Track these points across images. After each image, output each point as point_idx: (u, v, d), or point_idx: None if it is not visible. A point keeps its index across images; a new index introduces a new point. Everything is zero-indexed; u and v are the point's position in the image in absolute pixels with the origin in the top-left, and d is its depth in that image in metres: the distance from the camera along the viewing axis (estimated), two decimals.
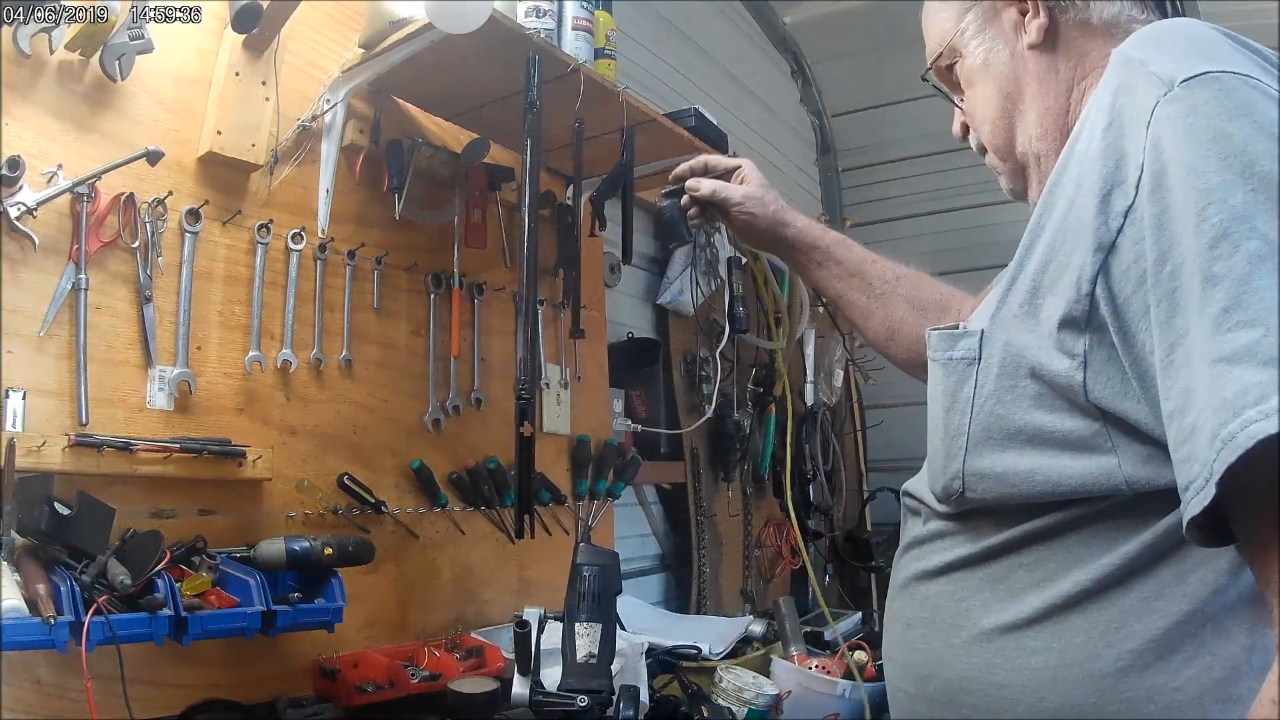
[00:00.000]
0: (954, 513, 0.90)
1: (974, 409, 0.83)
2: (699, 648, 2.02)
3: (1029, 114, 0.94)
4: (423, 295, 1.85)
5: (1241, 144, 0.65)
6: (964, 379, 0.84)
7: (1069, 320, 0.74)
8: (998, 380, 0.81)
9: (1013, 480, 0.81)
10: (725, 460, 2.84)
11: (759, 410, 3.04)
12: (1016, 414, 0.80)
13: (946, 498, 0.89)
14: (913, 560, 0.98)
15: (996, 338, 0.82)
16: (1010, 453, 0.81)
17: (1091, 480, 0.76)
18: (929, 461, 0.93)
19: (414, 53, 1.57)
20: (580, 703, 1.33)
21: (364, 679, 1.46)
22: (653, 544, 2.75)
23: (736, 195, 1.33)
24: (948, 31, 1.01)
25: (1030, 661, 0.81)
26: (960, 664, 0.88)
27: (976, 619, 0.87)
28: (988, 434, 0.82)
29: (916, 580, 0.96)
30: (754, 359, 3.09)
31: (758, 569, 3.01)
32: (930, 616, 0.93)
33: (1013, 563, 0.85)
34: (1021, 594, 0.83)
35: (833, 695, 1.90)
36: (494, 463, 1.89)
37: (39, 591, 1.08)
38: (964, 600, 0.89)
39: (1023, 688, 0.82)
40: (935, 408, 0.90)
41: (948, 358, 0.87)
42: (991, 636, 0.85)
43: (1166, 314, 0.66)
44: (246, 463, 1.42)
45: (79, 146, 1.32)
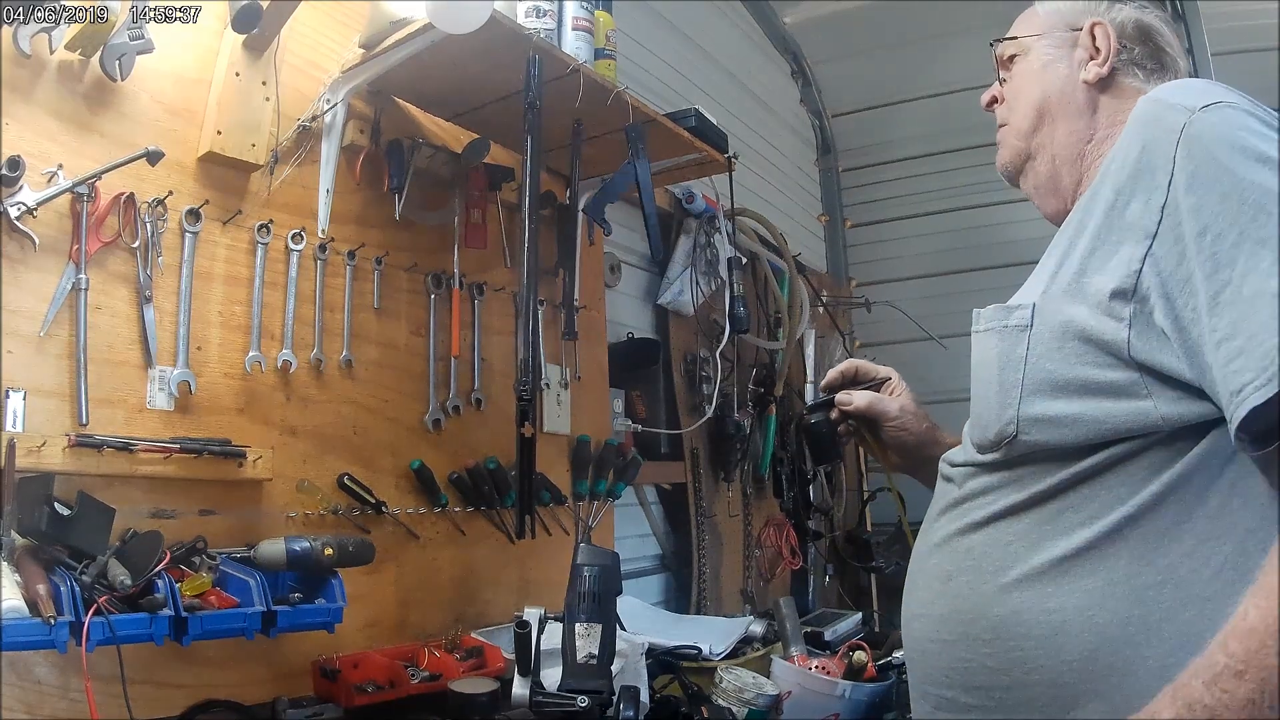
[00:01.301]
0: (1003, 460, 1.00)
1: (1027, 366, 0.97)
2: (699, 648, 2.02)
3: (1059, 124, 1.12)
4: (423, 295, 1.85)
5: (1252, 144, 0.84)
6: (1017, 342, 0.98)
7: (1119, 292, 0.90)
8: (1048, 343, 0.96)
9: (1063, 422, 0.94)
10: (725, 460, 2.84)
11: (759, 410, 3.04)
12: (1065, 370, 0.94)
13: (999, 442, 0.99)
14: (951, 520, 1.07)
15: (1048, 309, 0.97)
16: (1059, 401, 0.94)
17: (1131, 420, 0.90)
18: (976, 418, 1.06)
19: (414, 53, 1.57)
20: (580, 703, 1.33)
21: (364, 679, 1.46)
22: (653, 544, 2.75)
23: (893, 410, 1.32)
24: (1030, 30, 1.19)
25: (1081, 584, 0.92)
26: (1011, 600, 0.97)
27: (1026, 558, 0.96)
28: (1039, 386, 0.96)
29: (958, 535, 1.05)
30: (754, 359, 3.09)
31: (758, 569, 3.01)
32: (976, 564, 1.01)
33: (1059, 506, 0.96)
34: (1069, 532, 0.94)
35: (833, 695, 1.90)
36: (494, 463, 1.89)
37: (39, 591, 1.08)
38: (1011, 544, 0.98)
39: (1074, 609, 0.92)
40: (988, 368, 1.03)
41: (1003, 325, 1.01)
42: (1043, 570, 0.95)
43: (1211, 269, 0.82)
44: (246, 463, 1.42)
45: (79, 146, 1.32)
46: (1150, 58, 1.11)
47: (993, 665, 0.98)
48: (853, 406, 1.34)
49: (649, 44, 2.86)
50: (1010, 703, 0.97)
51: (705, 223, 2.79)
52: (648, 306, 2.78)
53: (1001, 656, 0.97)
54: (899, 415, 1.32)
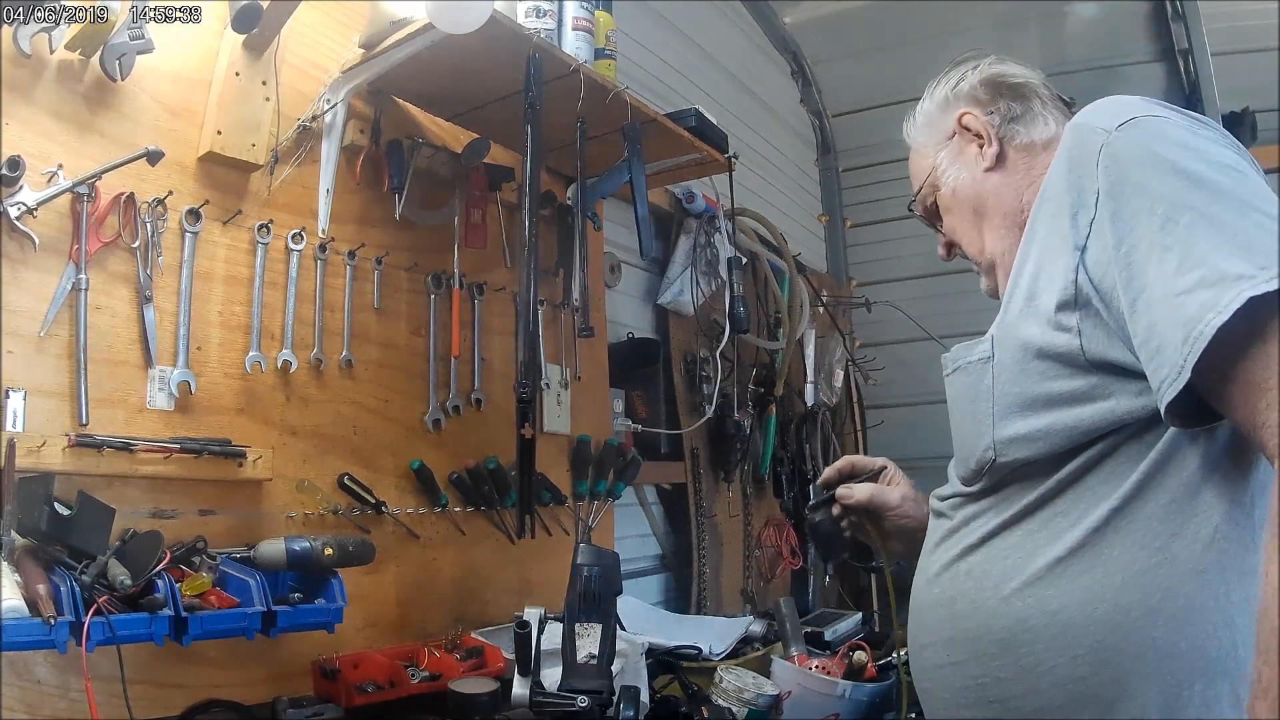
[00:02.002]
0: (987, 486, 1.04)
1: (995, 393, 1.02)
2: (699, 648, 2.02)
3: (993, 219, 1.17)
4: (423, 295, 1.85)
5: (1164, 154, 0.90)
6: (983, 374, 1.04)
7: (1063, 303, 0.95)
8: (1010, 367, 1.00)
9: (1035, 437, 0.98)
10: (725, 460, 2.84)
11: (759, 410, 3.04)
12: (1030, 388, 0.98)
13: (981, 470, 1.04)
14: (947, 549, 1.10)
15: (1005, 336, 1.02)
16: (1030, 418, 0.98)
17: (1098, 421, 0.94)
18: (958, 454, 1.10)
19: (414, 53, 1.57)
20: (580, 703, 1.33)
21: (364, 679, 1.46)
22: (653, 544, 2.75)
23: (894, 499, 1.33)
24: (926, 169, 1.26)
25: (1079, 582, 0.95)
26: (1014, 609, 0.99)
27: (1023, 568, 0.99)
28: (1009, 409, 1.00)
29: (955, 560, 1.07)
30: (754, 359, 3.09)
31: (758, 569, 3.01)
32: (976, 584, 1.03)
33: (1048, 514, 0.99)
34: (1060, 535, 0.97)
35: (833, 695, 1.90)
36: (494, 463, 1.89)
37: (39, 591, 1.08)
38: (1007, 558, 1.01)
39: (1077, 604, 0.95)
40: (962, 406, 1.08)
41: (967, 361, 1.06)
42: (1041, 575, 0.98)
43: (1127, 278, 0.88)
44: (246, 463, 1.42)
45: (79, 146, 1.32)
46: (1016, 101, 1.17)
47: (1005, 676, 1.00)
48: (854, 500, 1.35)
49: (649, 44, 2.86)
50: (1027, 709, 0.98)
51: (705, 223, 2.79)
52: (648, 306, 2.78)
53: (1013, 665, 0.99)
54: (900, 504, 1.32)
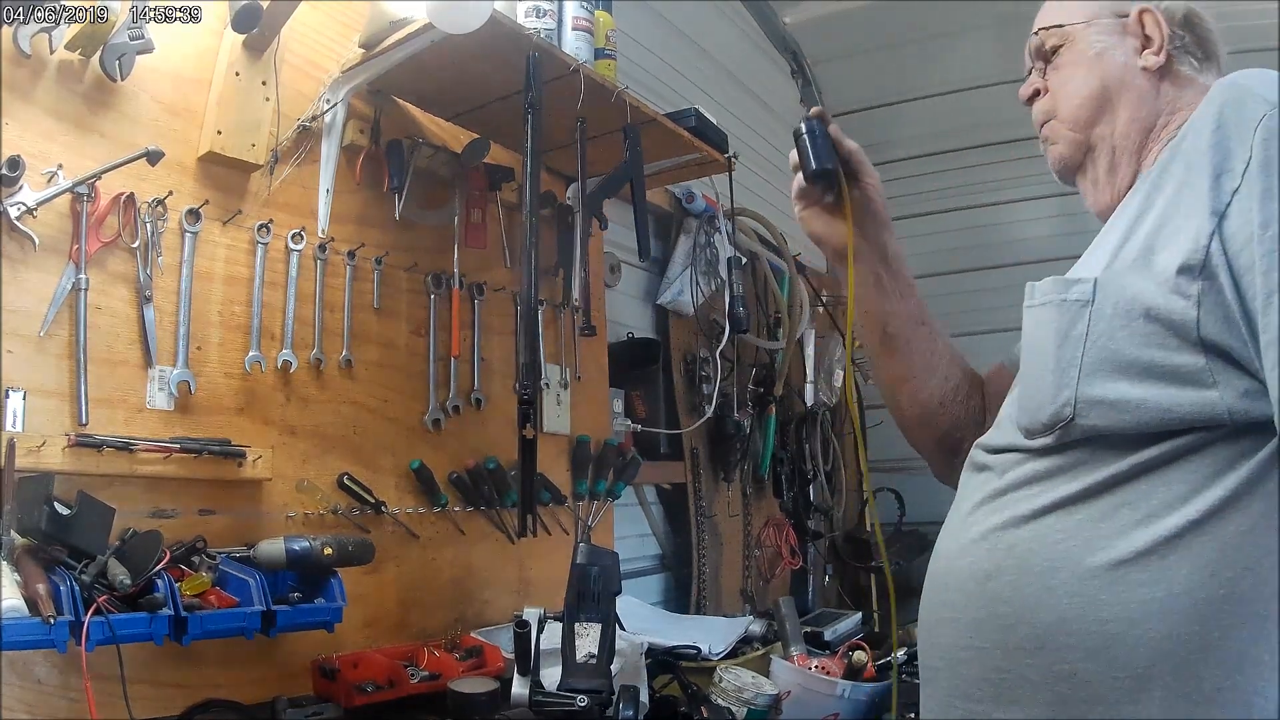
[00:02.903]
0: (1054, 446, 0.94)
1: (1087, 344, 0.92)
2: (699, 648, 2.02)
3: (1120, 113, 1.07)
4: (423, 295, 1.85)
5: None
6: (1077, 318, 0.93)
7: (1187, 267, 0.86)
8: (1111, 320, 0.91)
9: (1125, 408, 0.89)
10: (725, 460, 2.85)
11: (759, 410, 3.04)
12: (1129, 350, 0.89)
13: (1053, 425, 0.93)
14: (990, 513, 0.99)
15: (1111, 285, 0.92)
16: (1121, 383, 0.89)
17: (1196, 410, 0.86)
18: (1025, 399, 0.99)
19: (414, 53, 1.57)
20: (580, 703, 1.33)
21: (364, 679, 1.46)
22: (653, 544, 2.75)
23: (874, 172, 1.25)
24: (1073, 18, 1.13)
25: (1136, 595, 0.86)
26: (1060, 605, 0.90)
27: (1079, 558, 0.90)
28: (1100, 365, 0.90)
29: (999, 530, 0.97)
30: (754, 359, 3.09)
31: (758, 569, 3.02)
32: (1020, 563, 0.94)
33: (1115, 500, 0.90)
34: (1126, 531, 0.88)
35: (833, 695, 1.90)
36: (494, 463, 1.89)
37: (39, 591, 1.08)
38: (1062, 542, 0.92)
39: (1128, 620, 0.86)
40: (1043, 345, 0.96)
41: (1061, 299, 0.95)
42: (1096, 574, 0.89)
43: (1267, 265, 0.82)
44: (246, 463, 1.42)
45: (79, 146, 1.32)
46: (1198, 45, 1.08)
47: (1034, 678, 0.91)
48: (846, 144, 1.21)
49: (649, 44, 2.85)
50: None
51: (705, 222, 2.79)
52: (648, 306, 2.78)
53: (1044, 669, 0.91)
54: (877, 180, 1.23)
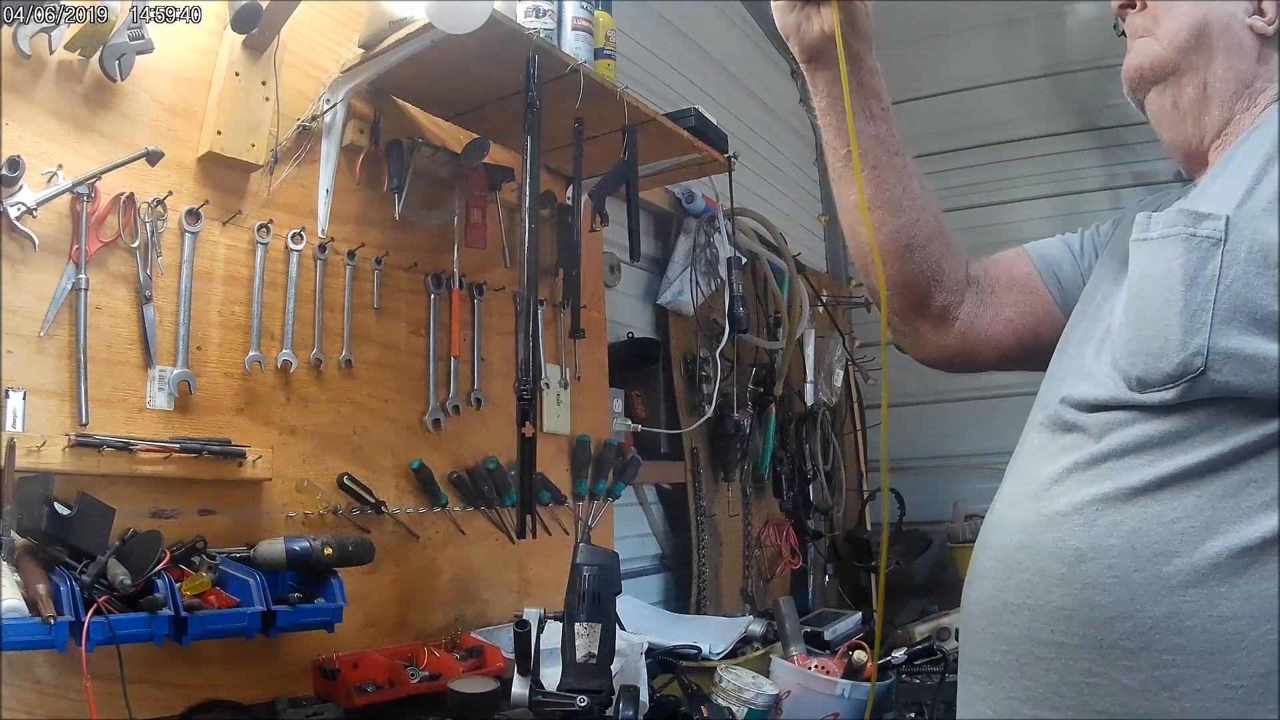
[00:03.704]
0: (1173, 404, 0.83)
1: (1220, 287, 0.81)
2: (699, 648, 2.02)
3: (1218, 54, 0.98)
4: (423, 295, 1.85)
5: None
6: (1208, 257, 0.83)
7: None
8: (1245, 264, 0.81)
9: (1263, 365, 0.78)
10: (725, 460, 2.85)
11: (759, 410, 3.04)
12: (1264, 301, 0.79)
13: (1179, 377, 0.82)
14: (1086, 483, 0.87)
15: (1244, 226, 0.82)
16: (1258, 337, 0.79)
17: None
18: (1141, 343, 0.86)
19: (414, 53, 1.57)
20: (580, 703, 1.33)
21: (364, 679, 1.46)
22: (653, 544, 2.75)
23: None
24: None
25: (1260, 588, 0.76)
26: (1172, 597, 0.79)
27: (1196, 543, 0.79)
28: (1234, 314, 0.81)
29: (1101, 503, 0.85)
30: (754, 359, 3.09)
31: (758, 569, 3.02)
32: (1127, 544, 0.82)
33: (1240, 478, 0.80)
34: (1251, 515, 0.78)
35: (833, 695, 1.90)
36: (494, 463, 1.90)
37: (39, 591, 1.08)
38: (1179, 521, 0.80)
39: (1249, 619, 0.76)
40: (1168, 282, 0.84)
41: (1190, 233, 0.84)
42: (1215, 562, 0.78)
43: None
44: (246, 463, 1.42)
45: (79, 146, 1.32)
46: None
47: (1130, 684, 0.80)
48: None
49: (649, 44, 2.85)
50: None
51: (705, 222, 2.79)
52: (648, 306, 2.78)
53: (1146, 673, 0.79)
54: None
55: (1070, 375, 0.95)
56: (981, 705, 0.91)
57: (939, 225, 1.15)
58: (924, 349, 1.19)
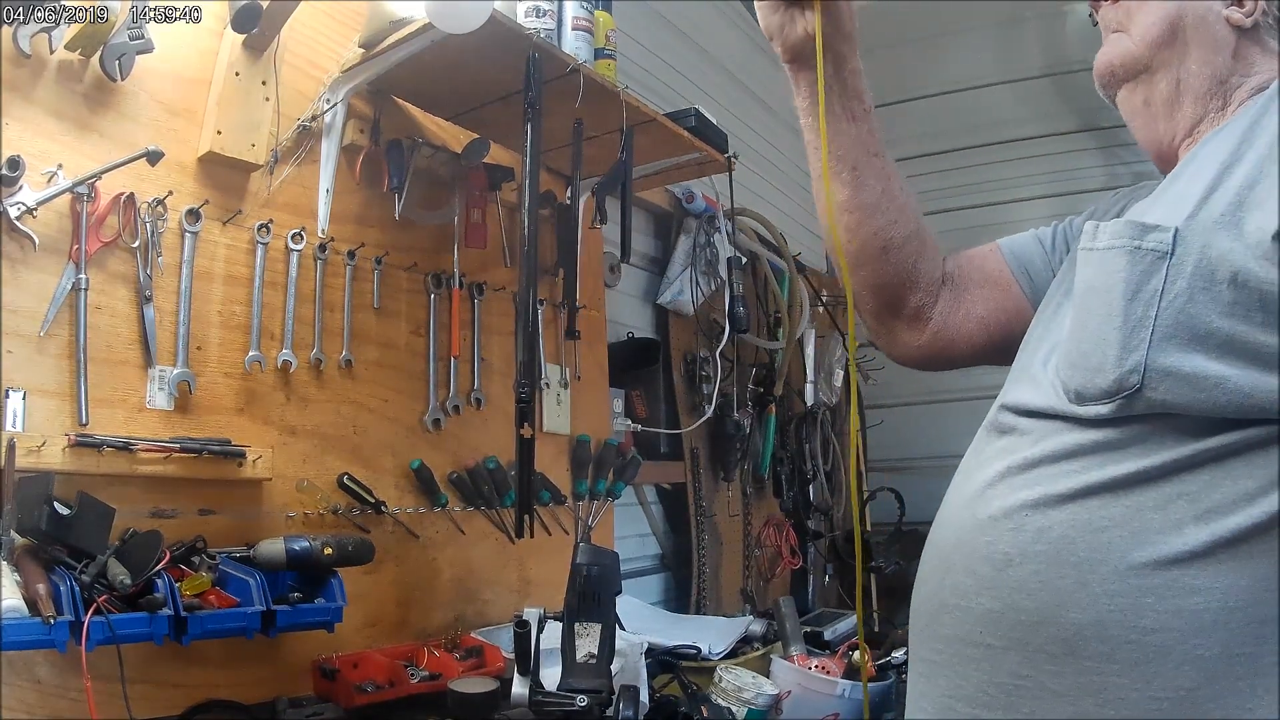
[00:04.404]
0: (1108, 417, 0.82)
1: (1162, 302, 0.79)
2: (699, 648, 2.02)
3: (1192, 49, 0.96)
4: (423, 295, 1.85)
5: None
6: (1152, 270, 0.80)
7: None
8: (1191, 280, 0.79)
9: (1201, 384, 0.77)
10: (725, 460, 2.84)
11: (759, 410, 3.04)
12: (1209, 317, 0.77)
13: (1115, 393, 0.80)
14: (1018, 487, 0.86)
15: (1193, 239, 0.80)
16: (1199, 355, 0.77)
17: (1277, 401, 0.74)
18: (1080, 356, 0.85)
19: (414, 53, 1.57)
20: (580, 703, 1.33)
21: (364, 679, 1.46)
22: (653, 544, 2.75)
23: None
24: None
25: (1188, 603, 0.75)
26: (1097, 605, 0.78)
27: (1123, 552, 0.78)
28: (1175, 331, 0.79)
29: (1030, 508, 0.84)
30: (754, 359, 3.09)
31: (758, 569, 3.02)
32: (1052, 550, 0.81)
33: (1172, 490, 0.78)
34: (1181, 526, 0.77)
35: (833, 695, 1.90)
36: (494, 463, 1.90)
37: (39, 591, 1.08)
38: (1106, 530, 0.79)
39: (1176, 632, 0.75)
40: (1110, 295, 0.83)
41: (1135, 245, 0.82)
42: (1142, 573, 0.77)
43: None
44: (246, 463, 1.42)
45: (79, 146, 1.32)
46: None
47: (1056, 689, 0.79)
48: None
49: (649, 44, 2.86)
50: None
51: (705, 222, 2.79)
52: (648, 306, 2.78)
53: (1071, 679, 0.79)
54: None
55: (1018, 381, 0.95)
56: (924, 702, 0.93)
57: (917, 226, 1.13)
58: (899, 349, 1.18)
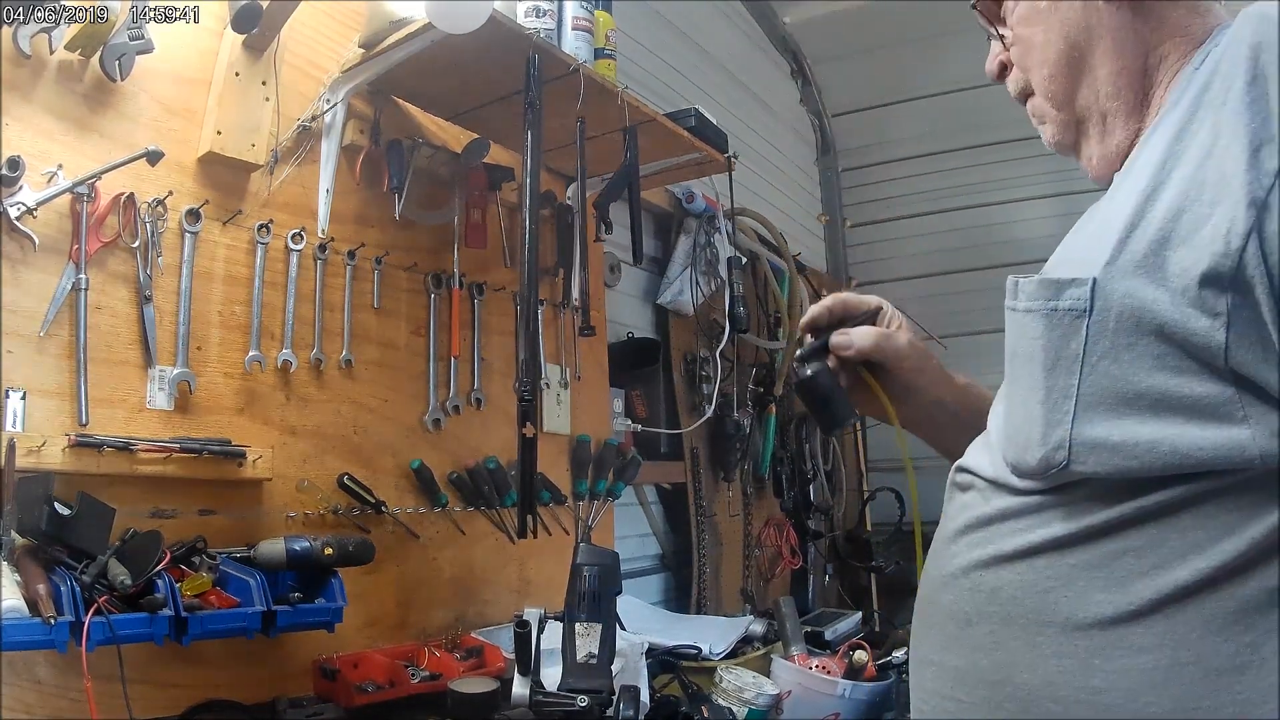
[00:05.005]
0: (1044, 488, 0.79)
1: (1084, 368, 0.73)
2: (699, 648, 2.02)
3: (1099, 69, 0.86)
4: (423, 295, 1.85)
5: None
6: (1071, 333, 0.74)
7: (1212, 276, 0.67)
8: (1114, 337, 0.72)
9: (1133, 452, 0.71)
10: (725, 460, 2.84)
11: (759, 410, 3.04)
12: (1137, 376, 0.71)
13: (1043, 471, 0.77)
14: (972, 546, 0.84)
15: (1113, 289, 0.72)
16: (1129, 420, 0.72)
17: (1223, 453, 0.69)
18: (1012, 429, 0.82)
19: (414, 53, 1.57)
20: (580, 703, 1.33)
21: (364, 679, 1.46)
22: (653, 544, 2.75)
23: (904, 346, 1.02)
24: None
25: (1136, 661, 0.72)
26: (1047, 665, 0.76)
27: (1069, 611, 0.76)
28: (1101, 397, 0.73)
29: (981, 567, 0.83)
30: (754, 359, 3.09)
31: (758, 569, 3.02)
32: (1003, 610, 0.80)
33: (1116, 547, 0.74)
34: (1126, 583, 0.73)
35: (833, 695, 1.90)
36: (494, 463, 1.90)
37: (39, 591, 1.08)
38: (1052, 591, 0.77)
39: (1125, 691, 0.72)
40: (1031, 365, 0.78)
41: (1051, 308, 0.76)
42: (1088, 632, 0.75)
43: None
44: (246, 463, 1.42)
45: (79, 146, 1.32)
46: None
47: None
48: (853, 350, 1.01)
49: (649, 44, 2.86)
50: None
51: (705, 222, 2.79)
52: (648, 306, 2.78)
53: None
54: (911, 353, 1.02)
55: (974, 443, 0.93)
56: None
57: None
58: None
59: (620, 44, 1.95)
